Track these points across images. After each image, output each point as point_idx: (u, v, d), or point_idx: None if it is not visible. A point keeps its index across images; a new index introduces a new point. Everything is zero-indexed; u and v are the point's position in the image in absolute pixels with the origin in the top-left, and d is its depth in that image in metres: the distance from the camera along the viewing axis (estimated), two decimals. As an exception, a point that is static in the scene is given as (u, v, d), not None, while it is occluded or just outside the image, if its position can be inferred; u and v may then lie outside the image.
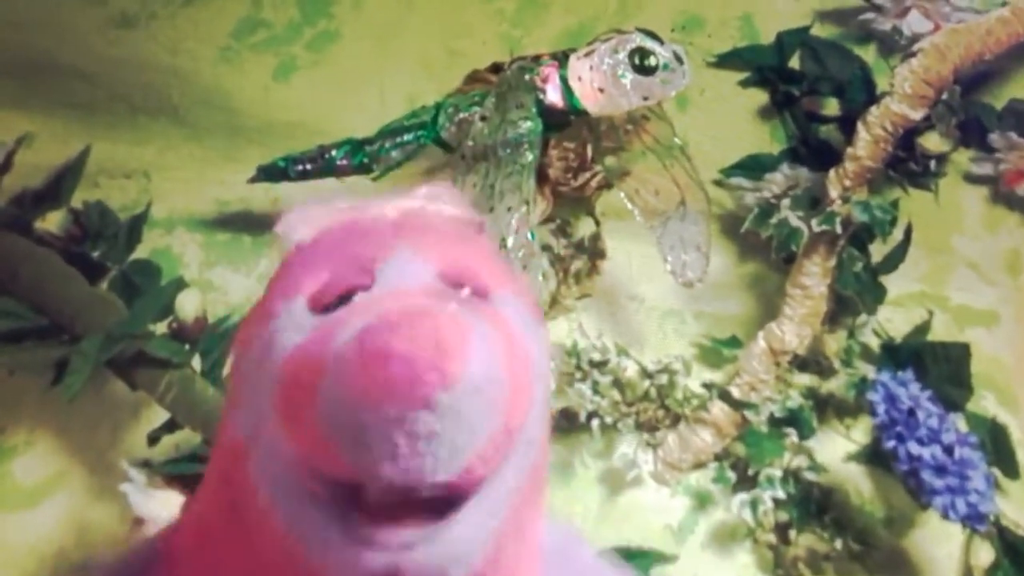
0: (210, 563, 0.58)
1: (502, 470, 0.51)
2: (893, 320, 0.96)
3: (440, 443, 0.48)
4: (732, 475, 0.90)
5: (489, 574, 0.52)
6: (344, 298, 0.52)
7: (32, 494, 0.91)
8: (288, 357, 0.51)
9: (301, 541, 0.52)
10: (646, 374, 0.93)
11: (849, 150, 0.99)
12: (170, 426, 0.90)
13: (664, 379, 0.93)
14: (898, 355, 0.93)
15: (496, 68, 1.01)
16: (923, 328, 0.94)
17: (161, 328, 0.94)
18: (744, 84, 1.07)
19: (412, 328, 0.48)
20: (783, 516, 0.89)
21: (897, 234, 0.98)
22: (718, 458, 0.92)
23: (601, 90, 0.97)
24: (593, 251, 1.01)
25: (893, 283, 0.97)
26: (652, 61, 0.96)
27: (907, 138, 1.01)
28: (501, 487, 0.52)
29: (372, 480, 0.48)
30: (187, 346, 0.93)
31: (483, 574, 0.52)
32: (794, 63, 1.07)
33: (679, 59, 0.97)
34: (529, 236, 0.92)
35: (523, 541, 0.56)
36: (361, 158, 0.98)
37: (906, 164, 1.01)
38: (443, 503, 0.49)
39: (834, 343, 0.95)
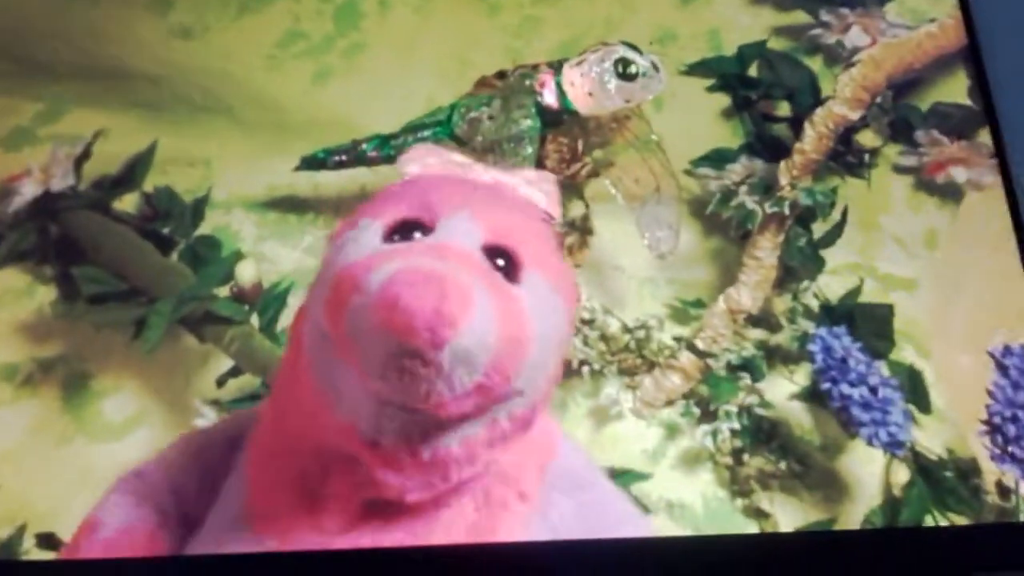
0: (281, 410, 0.70)
1: (483, 409, 0.63)
2: (830, 285, 1.11)
3: (419, 384, 0.59)
4: (696, 410, 1.06)
5: (463, 460, 0.65)
6: (406, 234, 0.64)
7: (119, 428, 1.06)
8: (345, 266, 0.62)
9: (328, 391, 0.64)
10: (627, 329, 1.10)
11: (797, 145, 1.17)
12: (234, 372, 1.07)
13: (641, 334, 1.10)
14: (834, 314, 1.09)
15: (501, 74, 1.17)
16: (855, 292, 1.11)
17: (223, 292, 1.10)
18: (710, 89, 1.22)
19: (423, 289, 0.58)
20: (738, 443, 1.04)
21: (835, 215, 1.14)
22: (685, 397, 1.07)
23: (590, 94, 1.13)
24: (583, 229, 1.17)
25: (831, 255, 1.12)
26: (633, 69, 1.12)
27: (846, 135, 1.18)
28: (481, 418, 0.64)
29: (372, 385, 0.61)
30: (246, 307, 1.10)
31: (458, 458, 0.65)
32: (752, 71, 1.23)
33: (656, 68, 1.13)
34: (530, 216, 1.10)
35: (503, 453, 0.67)
36: (388, 150, 1.13)
37: (844, 157, 1.18)
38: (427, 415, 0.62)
39: (781, 304, 1.12)
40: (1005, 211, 1.15)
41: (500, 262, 0.64)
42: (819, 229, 1.15)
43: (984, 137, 1.19)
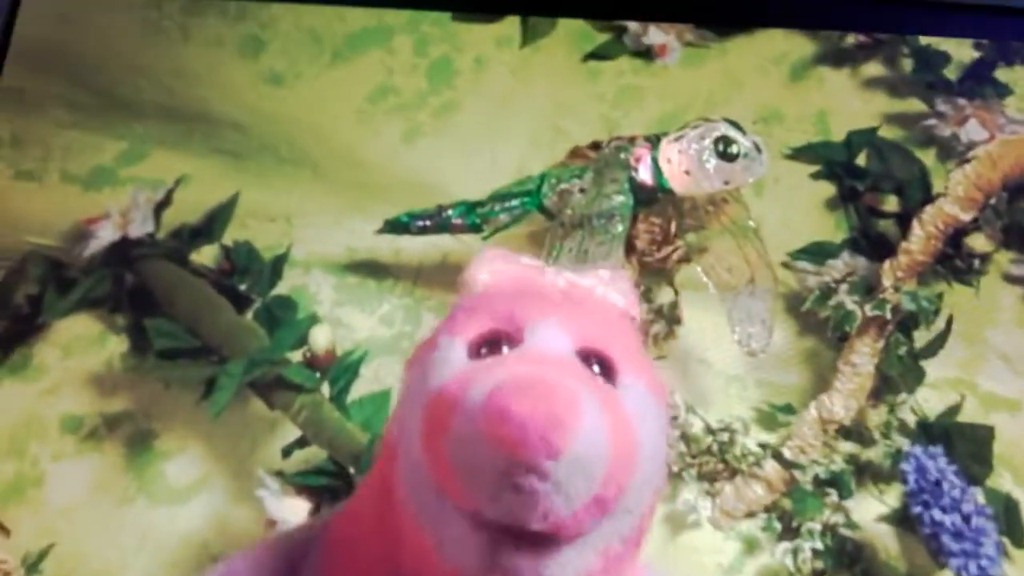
0: (358, 539, 0.65)
1: (597, 528, 0.57)
2: (929, 400, 1.06)
3: (537, 501, 0.54)
4: (778, 525, 1.02)
5: None
6: (493, 347, 0.60)
7: (181, 492, 1.04)
8: (436, 390, 0.58)
9: (428, 533, 0.58)
10: (710, 431, 1.06)
11: (903, 244, 1.12)
12: (301, 442, 1.04)
13: (725, 436, 1.06)
14: (930, 432, 1.04)
15: (596, 145, 1.12)
16: (955, 409, 1.06)
17: (296, 357, 1.08)
18: (815, 176, 1.18)
19: (532, 397, 0.53)
20: (819, 564, 1.00)
21: (939, 323, 1.09)
22: (767, 510, 1.03)
23: (687, 172, 1.07)
24: (671, 318, 1.13)
25: (932, 367, 1.08)
26: (734, 149, 1.07)
27: (955, 237, 1.13)
28: (596, 541, 0.58)
29: (482, 513, 0.55)
30: (318, 374, 1.07)
31: None
32: (860, 160, 1.18)
33: (759, 149, 1.07)
34: (617, 301, 1.06)
35: None
36: (473, 219, 1.09)
37: (952, 261, 1.13)
38: (542, 540, 0.56)
39: (876, 417, 1.06)
40: (1122, 333, 1.09)
41: (595, 368, 0.60)
42: (921, 338, 1.09)
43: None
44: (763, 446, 1.06)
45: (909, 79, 1.21)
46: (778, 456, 1.05)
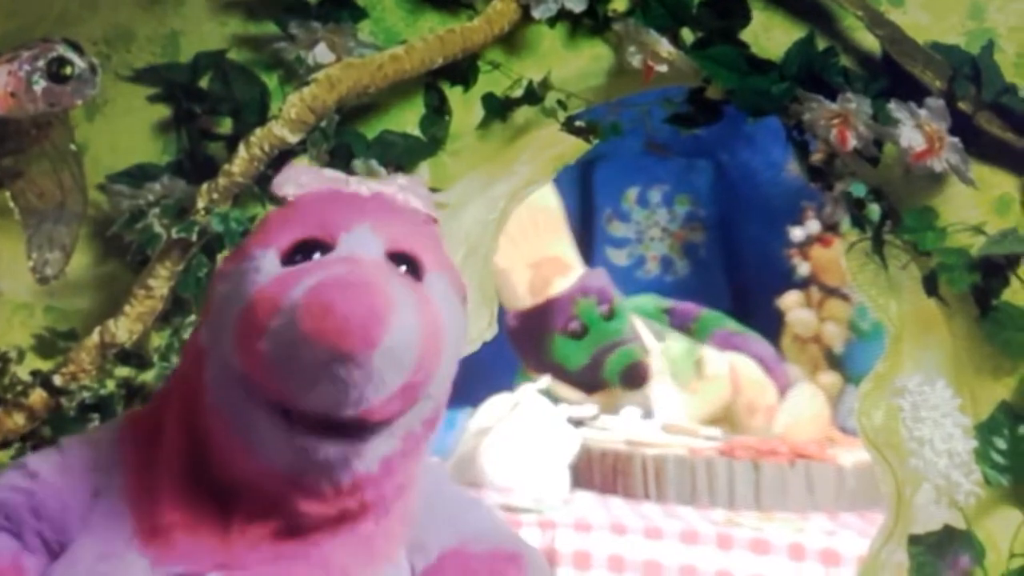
0: (158, 437, 0.70)
1: (402, 416, 0.65)
2: None
3: (352, 390, 0.61)
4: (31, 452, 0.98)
5: (381, 478, 0.66)
6: (307, 254, 0.66)
7: None
8: (253, 294, 0.64)
9: (237, 435, 0.65)
10: (-6, 362, 1.01)
11: (225, 166, 1.07)
12: None
13: (-2, 367, 1.01)
14: None
15: None
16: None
17: None
18: (152, 99, 1.12)
19: (351, 294, 0.61)
20: None
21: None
22: (24, 438, 0.99)
23: (13, 94, 1.03)
24: None
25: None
26: (68, 71, 1.02)
27: (281, 158, 1.09)
28: (399, 428, 0.66)
29: (295, 405, 0.62)
30: None
31: (376, 478, 0.66)
32: (204, 83, 1.13)
33: (94, 71, 1.03)
34: None
35: (413, 463, 0.70)
36: None
37: (270, 182, 1.09)
38: (351, 430, 0.62)
39: (158, 339, 1.03)
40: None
41: (403, 268, 0.68)
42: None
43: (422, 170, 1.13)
44: (35, 374, 1.01)
45: (267, 1, 1.17)
46: (47, 384, 1.00)
